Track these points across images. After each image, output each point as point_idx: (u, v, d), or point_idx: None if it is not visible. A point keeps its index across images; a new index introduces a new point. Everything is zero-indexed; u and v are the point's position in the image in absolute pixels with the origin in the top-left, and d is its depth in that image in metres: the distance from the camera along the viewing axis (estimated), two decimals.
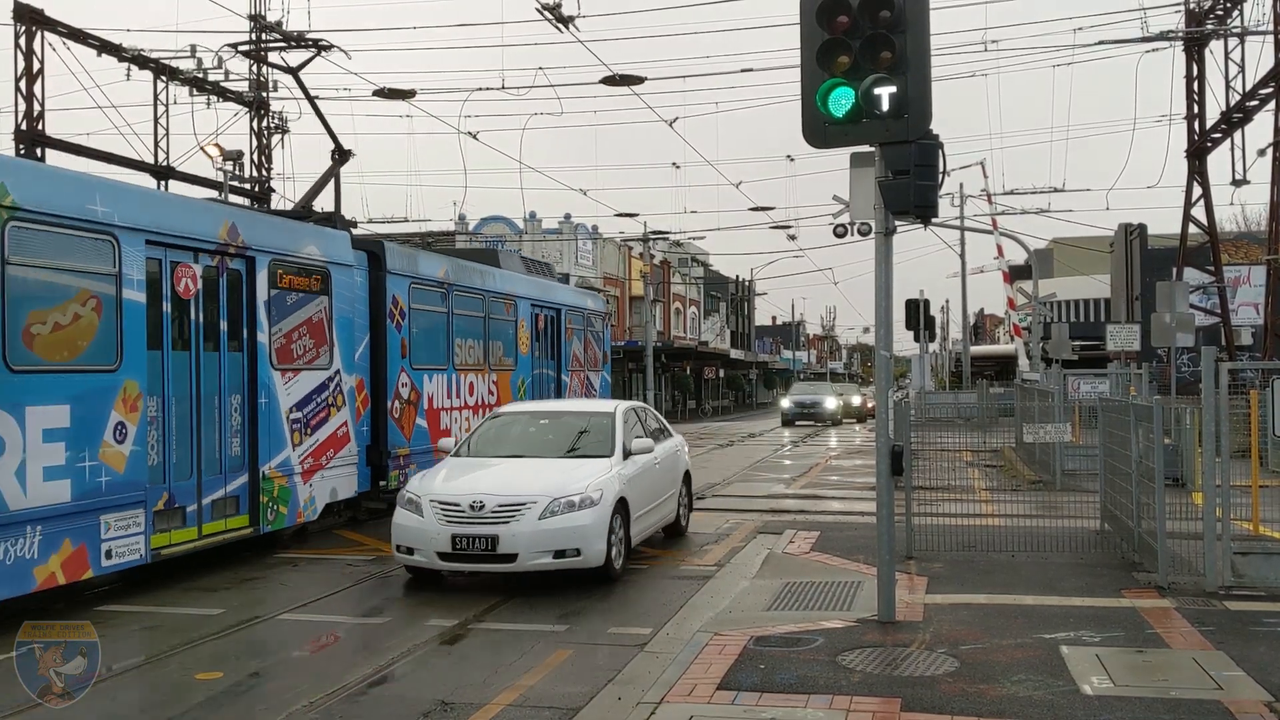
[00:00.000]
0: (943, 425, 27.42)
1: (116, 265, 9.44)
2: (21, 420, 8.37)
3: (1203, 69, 26.97)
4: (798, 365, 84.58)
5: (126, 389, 9.49)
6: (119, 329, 9.42)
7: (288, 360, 11.91)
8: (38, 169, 11.11)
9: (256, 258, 11.40)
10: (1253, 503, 10.43)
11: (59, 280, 8.93)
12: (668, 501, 11.94)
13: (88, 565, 9.00)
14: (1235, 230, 48.18)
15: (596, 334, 22.27)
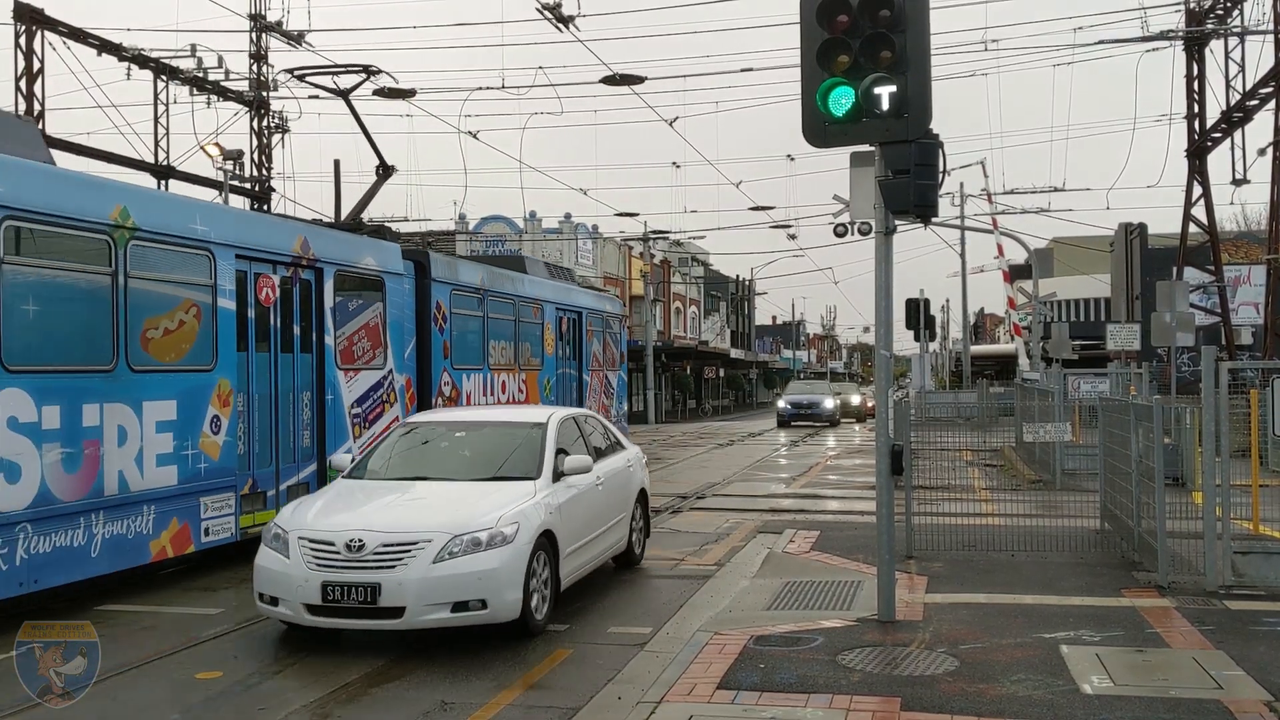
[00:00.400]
0: (943, 425, 27.44)
1: (213, 277, 10.70)
2: (140, 413, 9.71)
3: (1203, 68, 26.97)
4: (798, 365, 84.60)
5: (220, 386, 10.75)
6: (215, 333, 10.70)
7: (349, 361, 13.05)
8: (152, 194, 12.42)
9: (324, 268, 12.52)
10: (1253, 502, 10.43)
11: (167, 291, 10.21)
12: (615, 528, 10.03)
13: (190, 541, 10.27)
14: (1235, 230, 48.19)
15: (614, 335, 23.58)
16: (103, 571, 9.24)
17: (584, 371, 21.16)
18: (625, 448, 11.00)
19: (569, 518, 8.70)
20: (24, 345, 8.59)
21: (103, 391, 9.33)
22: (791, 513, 14.68)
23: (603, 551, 9.76)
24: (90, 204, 9.38)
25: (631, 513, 10.56)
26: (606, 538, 9.78)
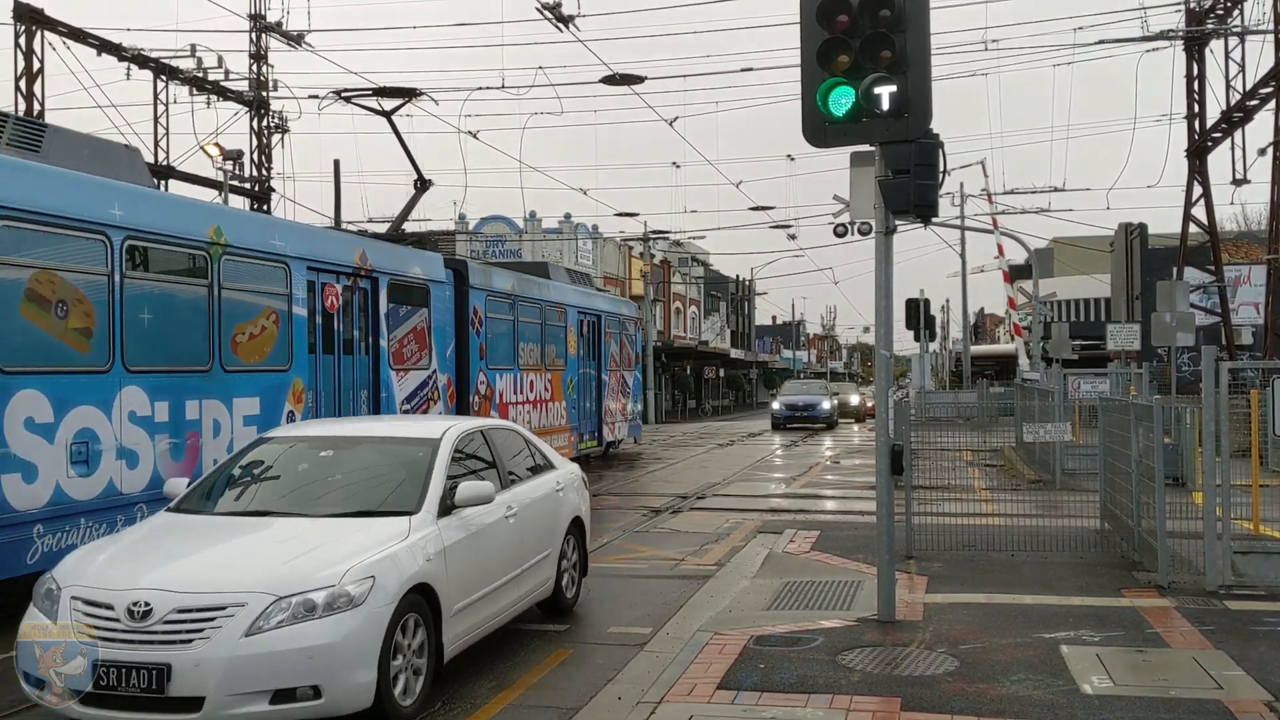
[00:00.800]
0: (943, 425, 27.46)
1: (288, 287, 11.89)
2: (230, 409, 10.88)
3: (1203, 68, 26.98)
4: (798, 365, 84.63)
5: (295, 385, 11.99)
6: (290, 337, 11.91)
7: (400, 362, 14.26)
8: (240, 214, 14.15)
9: (379, 278, 13.76)
10: (1253, 502, 10.43)
11: (252, 300, 11.36)
12: (535, 570, 7.94)
13: None
14: (1235, 230, 48.22)
15: (630, 337, 25.36)
16: None
17: (602, 371, 22.64)
18: (555, 467, 8.93)
19: (461, 563, 6.70)
20: (140, 349, 9.71)
21: (201, 389, 10.55)
22: (791, 513, 14.68)
23: (516, 601, 7.65)
24: (191, 224, 10.60)
25: (560, 548, 8.45)
26: (522, 583, 7.71)
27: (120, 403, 9.46)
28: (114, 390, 9.40)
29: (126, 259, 9.57)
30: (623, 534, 12.99)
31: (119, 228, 9.51)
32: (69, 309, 9.01)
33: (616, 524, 13.81)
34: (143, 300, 9.80)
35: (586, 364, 21.95)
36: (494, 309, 17.21)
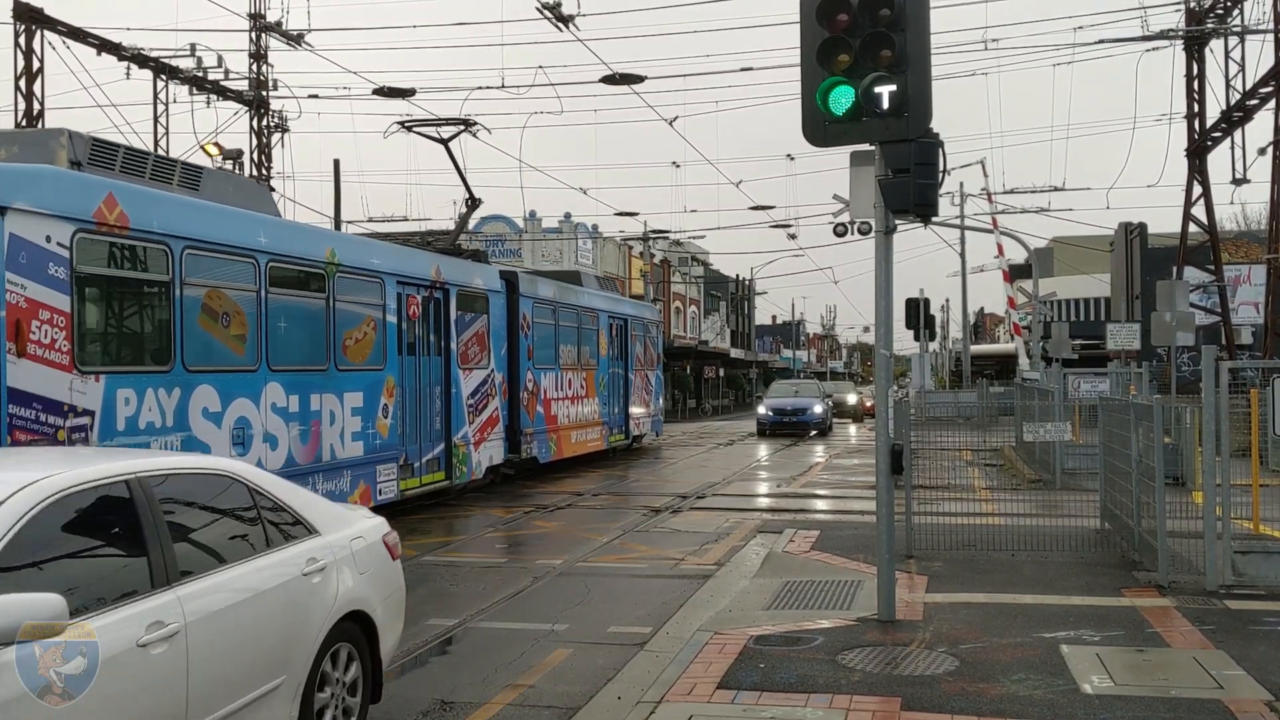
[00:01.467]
0: (943, 424, 27.46)
1: (383, 299, 13.91)
2: (342, 401, 12.84)
3: (1203, 68, 26.97)
4: (798, 364, 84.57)
5: (388, 382, 13.97)
6: (384, 341, 13.90)
7: (465, 362, 16.29)
8: (348, 237, 16.22)
9: (450, 289, 15.75)
10: (1253, 502, 10.43)
11: (357, 310, 13.36)
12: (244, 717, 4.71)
13: (371, 499, 13.19)
14: (1235, 229, 48.21)
15: (652, 339, 27.73)
16: None
17: (629, 370, 24.83)
18: (315, 533, 5.57)
19: None
20: (278, 352, 11.67)
21: (321, 385, 12.49)
22: (791, 512, 14.68)
23: None
24: (313, 247, 12.58)
25: (311, 673, 5.20)
26: None
27: (265, 396, 11.49)
28: (261, 385, 11.43)
29: (269, 278, 11.62)
30: (623, 534, 12.99)
31: (264, 252, 11.54)
32: (230, 319, 11.08)
33: (616, 524, 13.81)
34: (280, 311, 11.86)
35: (615, 364, 24.02)
36: (539, 314, 19.32)
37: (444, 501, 15.68)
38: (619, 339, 24.39)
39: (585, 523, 14.11)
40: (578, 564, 10.96)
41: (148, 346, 10.28)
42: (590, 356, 22.20)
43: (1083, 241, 43.92)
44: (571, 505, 15.88)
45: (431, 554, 11.55)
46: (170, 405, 10.12)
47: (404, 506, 14.31)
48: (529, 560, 11.23)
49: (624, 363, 24.68)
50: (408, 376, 14.58)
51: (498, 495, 16.78)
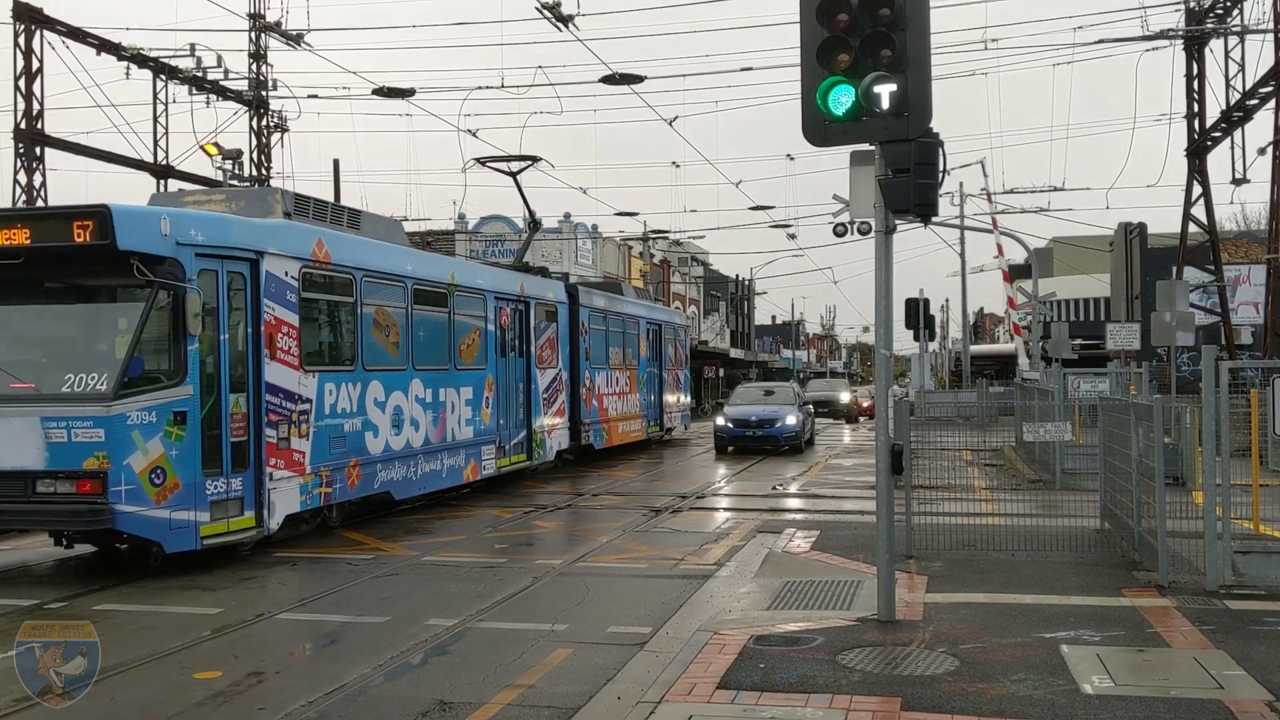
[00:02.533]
0: (943, 424, 27.45)
1: (485, 311, 17.05)
2: (459, 395, 15.89)
3: (1203, 68, 26.97)
4: (798, 364, 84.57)
5: (489, 379, 17.09)
6: (486, 346, 17.02)
7: (541, 363, 19.48)
8: (463, 263, 20.69)
9: (530, 302, 18.96)
10: (1253, 502, 10.43)
11: (467, 321, 16.45)
12: None
13: (478, 473, 16.52)
14: (1235, 229, 48.16)
15: (681, 342, 31.12)
16: (445, 486, 15.53)
17: (662, 370, 28.09)
18: None
19: None
20: (419, 355, 14.82)
21: (445, 381, 15.54)
22: (791, 512, 14.68)
23: None
24: (440, 271, 15.91)
25: None
26: None
27: (411, 389, 14.53)
28: (408, 381, 14.49)
29: (413, 297, 14.69)
30: (623, 533, 12.98)
31: (410, 277, 14.70)
32: (389, 330, 14.18)
33: (617, 523, 13.80)
34: (420, 323, 14.92)
35: (652, 364, 27.27)
36: (593, 321, 22.50)
37: (443, 500, 15.74)
38: (654, 342, 27.50)
39: (585, 522, 14.11)
40: (577, 564, 10.95)
41: (341, 352, 13.35)
42: (632, 358, 25.39)
43: (1082, 241, 43.93)
44: (571, 505, 15.87)
45: (432, 554, 11.54)
46: (354, 396, 13.21)
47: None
48: (529, 560, 11.22)
49: (658, 363, 27.84)
50: (501, 375, 17.63)
51: (498, 495, 16.80)
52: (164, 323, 10.43)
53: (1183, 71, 27.38)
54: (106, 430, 9.84)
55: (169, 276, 10.30)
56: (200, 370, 10.61)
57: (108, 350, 10.50)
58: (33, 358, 10.75)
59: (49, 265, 10.46)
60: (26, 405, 10.04)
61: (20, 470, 9.88)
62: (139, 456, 9.98)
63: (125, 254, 10.03)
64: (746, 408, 25.45)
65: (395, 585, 10.09)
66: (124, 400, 9.94)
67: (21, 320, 10.94)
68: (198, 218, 11.06)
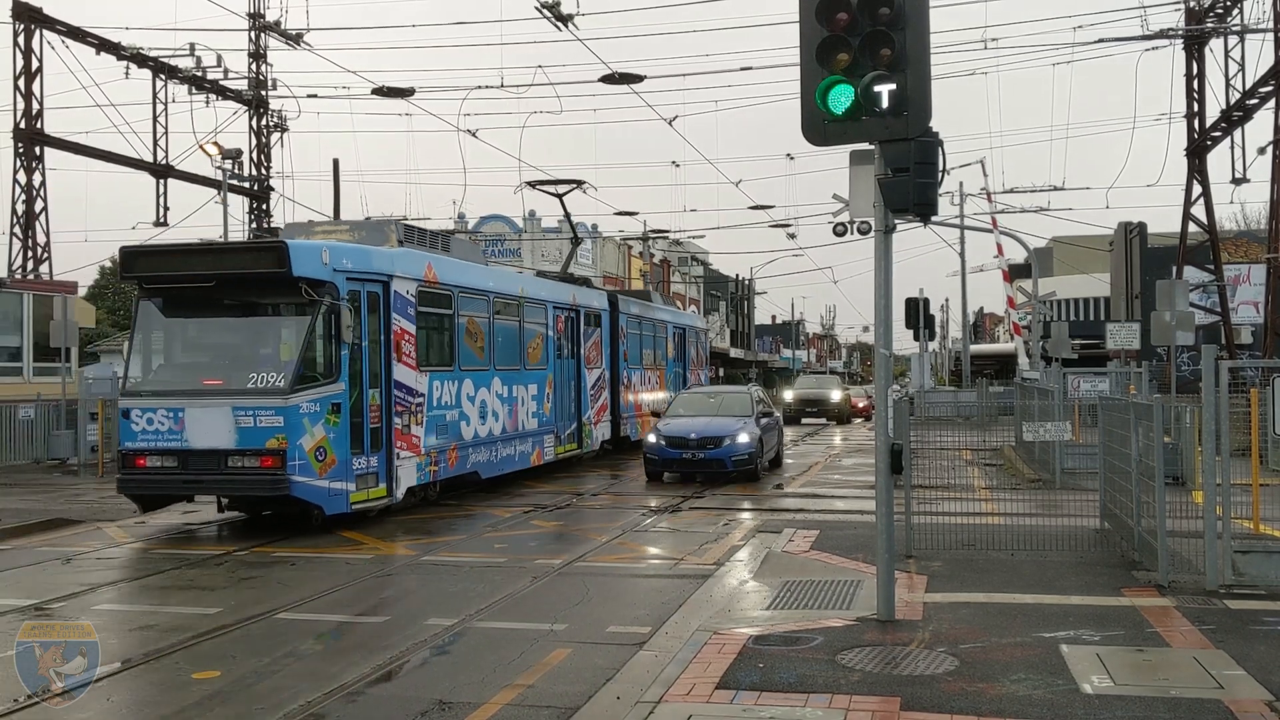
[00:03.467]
0: (942, 424, 27.43)
1: (545, 319, 19.81)
2: (526, 390, 18.65)
3: (1203, 67, 26.98)
4: (797, 364, 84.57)
5: (549, 378, 19.80)
6: (546, 349, 19.74)
7: (589, 364, 22.07)
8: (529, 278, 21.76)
9: (580, 310, 21.61)
10: (1253, 501, 10.42)
11: (533, 327, 19.24)
12: None
13: (542, 459, 19.26)
14: (1235, 229, 48.16)
15: (702, 344, 33.85)
16: (517, 468, 18.10)
17: (686, 369, 30.56)
18: None
19: None
20: (498, 357, 17.56)
21: (516, 379, 18.28)
22: (791, 512, 14.67)
23: None
24: (512, 286, 18.71)
25: None
26: None
27: (492, 386, 17.23)
28: (490, 380, 17.20)
29: (493, 308, 17.42)
30: (622, 533, 12.97)
31: (491, 291, 17.48)
32: (476, 336, 16.88)
33: (616, 523, 13.80)
34: (498, 330, 17.69)
35: (677, 364, 29.94)
36: (630, 326, 25.01)
37: (440, 501, 15.70)
38: (680, 344, 30.31)
39: (585, 522, 14.10)
40: (577, 563, 10.95)
41: (444, 355, 15.87)
42: (661, 358, 28.25)
43: (1082, 241, 43.91)
44: (571, 505, 15.87)
45: (431, 554, 11.54)
46: (453, 391, 15.90)
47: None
48: (528, 560, 11.21)
49: (683, 363, 30.51)
50: (557, 374, 20.28)
51: (498, 495, 16.79)
52: (324, 333, 12.99)
53: (1182, 71, 27.41)
54: (285, 418, 12.37)
55: (328, 296, 12.87)
56: (349, 370, 13.19)
57: (282, 354, 13.20)
58: (222, 360, 13.38)
59: (236, 288, 13.10)
60: (219, 398, 12.59)
61: (215, 449, 12.45)
62: (308, 438, 12.55)
63: (296, 279, 12.65)
64: (686, 421, 19.12)
65: (395, 585, 10.09)
66: (297, 394, 12.50)
67: (213, 331, 13.87)
68: (348, 249, 13.78)
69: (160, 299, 13.44)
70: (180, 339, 13.90)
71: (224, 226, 28.54)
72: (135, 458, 12.76)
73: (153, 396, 12.87)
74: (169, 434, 12.62)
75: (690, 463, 18.31)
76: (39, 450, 22.46)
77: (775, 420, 21.22)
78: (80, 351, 29.87)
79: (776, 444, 20.93)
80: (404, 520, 13.96)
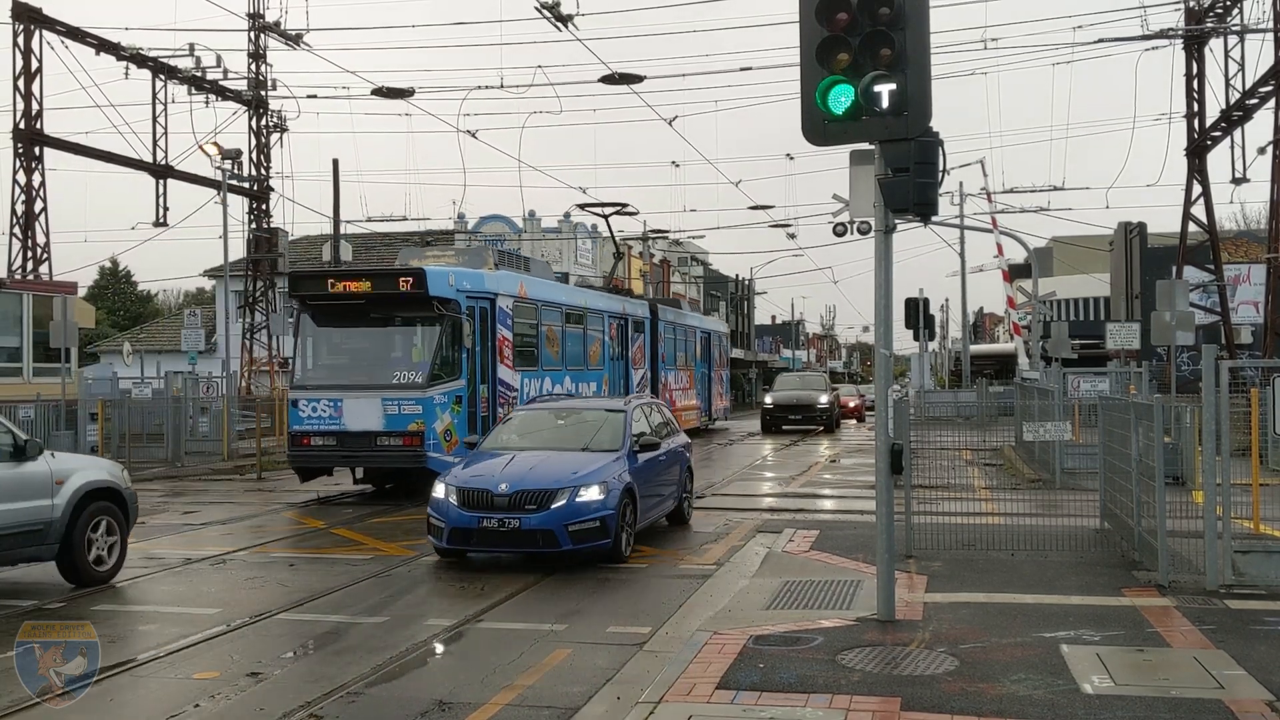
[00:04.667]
0: (942, 424, 27.42)
1: (603, 327, 23.61)
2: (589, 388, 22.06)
3: (1202, 67, 26.97)
4: (797, 364, 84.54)
5: (606, 377, 23.32)
6: (603, 352, 23.42)
7: (635, 365, 25.83)
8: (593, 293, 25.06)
9: (628, 318, 25.45)
10: (1253, 501, 10.41)
11: (593, 334, 22.83)
12: None
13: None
14: (1235, 229, 48.18)
15: (725, 348, 37.57)
16: None
17: (711, 370, 34.07)
18: None
19: None
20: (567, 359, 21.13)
21: (582, 378, 21.68)
22: (791, 512, 14.66)
23: None
24: (579, 299, 22.50)
25: None
26: None
27: (564, 383, 20.66)
28: (563, 378, 20.66)
29: (564, 318, 21.13)
30: None
31: (563, 304, 21.15)
32: (553, 342, 20.39)
33: None
34: (568, 336, 21.30)
35: (703, 365, 33.07)
36: (666, 331, 28.76)
37: None
38: (706, 347, 33.71)
39: None
40: None
41: (530, 357, 19.32)
42: (691, 360, 31.68)
43: (1082, 241, 43.89)
44: None
45: (430, 554, 11.53)
46: (537, 387, 19.15)
47: None
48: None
49: (708, 365, 33.74)
50: (611, 374, 23.80)
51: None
52: (450, 340, 16.40)
53: (1182, 71, 27.40)
54: (423, 407, 15.80)
55: (453, 311, 16.25)
56: (466, 370, 16.51)
57: (417, 357, 16.65)
58: (370, 361, 16.76)
59: (382, 304, 16.66)
60: (370, 391, 15.98)
61: (367, 431, 15.82)
62: (439, 423, 15.91)
63: (431, 298, 15.99)
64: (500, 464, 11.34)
65: (394, 585, 10.08)
66: (431, 388, 15.95)
67: (363, 337, 17.20)
68: (467, 273, 17.28)
69: (318, 312, 16.82)
70: (334, 344, 17.29)
71: (224, 227, 28.56)
72: (302, 438, 16.18)
73: (316, 390, 16.26)
74: (329, 419, 15.98)
75: (492, 536, 10.62)
76: None
77: (675, 453, 13.27)
78: (80, 352, 29.89)
79: (676, 491, 13.32)
80: (404, 520, 13.95)
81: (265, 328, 33.53)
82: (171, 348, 44.31)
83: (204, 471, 21.48)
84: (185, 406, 24.26)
